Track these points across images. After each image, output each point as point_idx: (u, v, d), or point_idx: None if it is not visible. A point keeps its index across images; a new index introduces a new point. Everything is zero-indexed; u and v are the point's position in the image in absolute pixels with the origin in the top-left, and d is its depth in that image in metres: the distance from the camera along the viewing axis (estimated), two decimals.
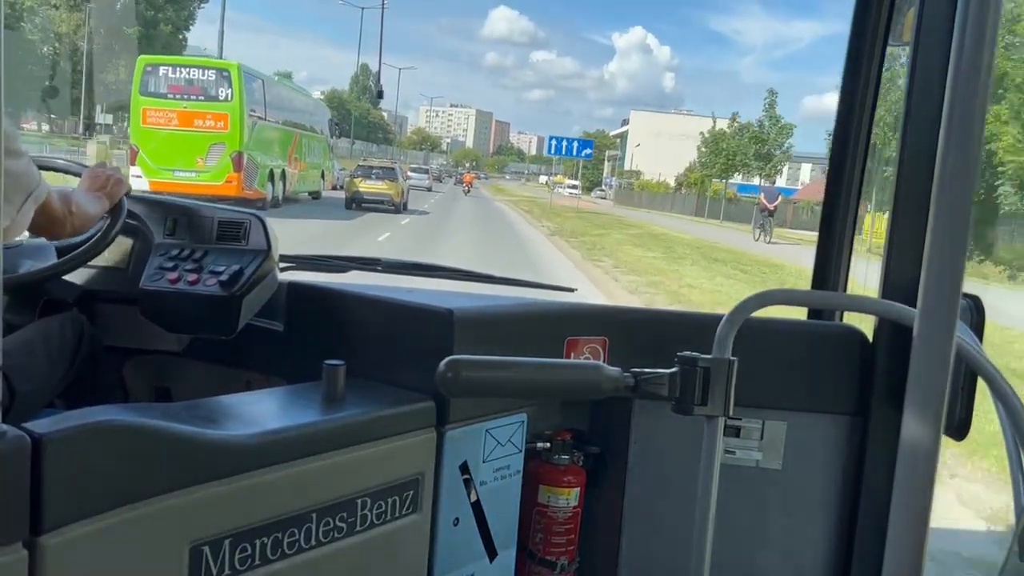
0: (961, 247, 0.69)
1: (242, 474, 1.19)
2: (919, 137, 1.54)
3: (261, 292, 1.68)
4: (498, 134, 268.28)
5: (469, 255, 14.26)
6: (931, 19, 1.51)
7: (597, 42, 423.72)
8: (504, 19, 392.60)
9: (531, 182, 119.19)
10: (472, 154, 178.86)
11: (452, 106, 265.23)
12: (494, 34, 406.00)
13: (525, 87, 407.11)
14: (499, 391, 1.21)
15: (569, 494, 1.72)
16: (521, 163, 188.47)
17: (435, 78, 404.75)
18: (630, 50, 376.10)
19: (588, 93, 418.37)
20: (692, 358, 1.13)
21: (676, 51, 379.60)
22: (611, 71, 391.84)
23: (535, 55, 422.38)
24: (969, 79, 0.66)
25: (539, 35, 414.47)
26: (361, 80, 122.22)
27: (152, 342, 1.84)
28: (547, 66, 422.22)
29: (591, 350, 1.71)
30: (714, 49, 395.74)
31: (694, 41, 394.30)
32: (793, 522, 1.74)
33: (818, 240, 1.92)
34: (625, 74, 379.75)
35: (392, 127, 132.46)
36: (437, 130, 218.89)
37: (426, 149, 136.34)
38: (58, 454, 1.00)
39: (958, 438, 1.58)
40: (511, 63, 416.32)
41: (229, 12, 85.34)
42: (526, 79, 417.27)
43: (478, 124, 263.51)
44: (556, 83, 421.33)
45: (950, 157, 0.68)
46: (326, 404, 1.40)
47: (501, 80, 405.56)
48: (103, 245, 1.68)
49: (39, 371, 1.59)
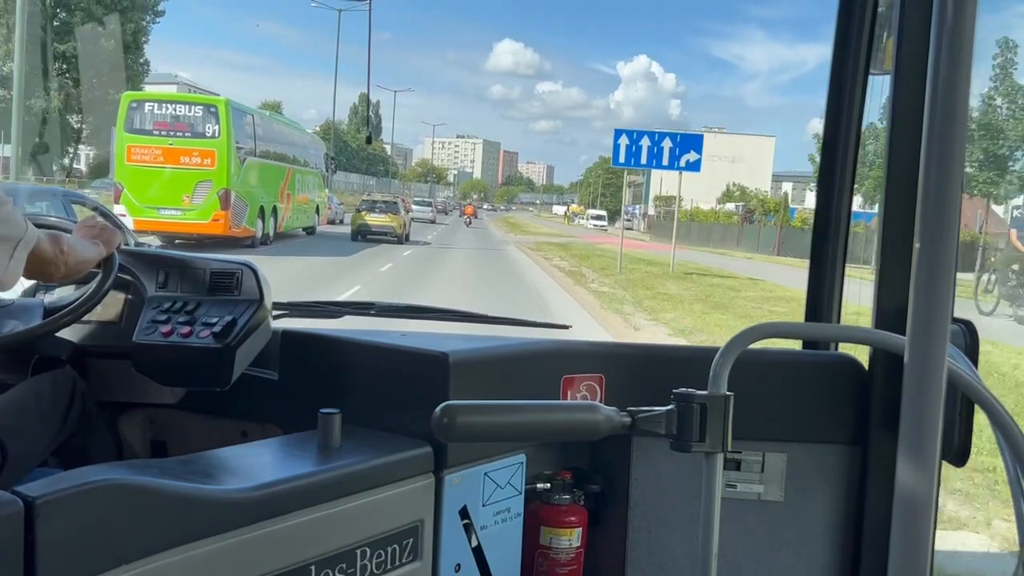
0: (947, 273, 0.73)
1: (240, 529, 1.26)
2: (903, 165, 1.64)
3: (255, 342, 1.77)
4: (506, 164, 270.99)
5: None
6: (910, 47, 1.61)
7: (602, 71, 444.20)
8: (509, 52, 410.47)
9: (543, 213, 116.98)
10: (480, 185, 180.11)
11: (458, 137, 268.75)
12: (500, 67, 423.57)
13: (532, 118, 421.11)
14: (496, 436, 1.27)
15: (571, 534, 1.81)
16: (531, 192, 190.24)
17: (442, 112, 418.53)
18: (635, 78, 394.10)
19: (594, 122, 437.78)
20: (688, 395, 1.18)
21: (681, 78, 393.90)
22: (617, 100, 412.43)
23: (541, 86, 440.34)
24: (946, 106, 0.71)
25: (544, 66, 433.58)
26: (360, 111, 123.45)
27: (147, 395, 1.93)
28: (553, 97, 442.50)
29: (587, 387, 1.81)
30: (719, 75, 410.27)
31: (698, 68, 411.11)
32: (798, 554, 1.83)
33: (809, 271, 2.04)
34: (631, 102, 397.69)
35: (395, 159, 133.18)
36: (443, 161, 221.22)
37: (431, 181, 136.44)
38: (52, 517, 1.05)
39: (959, 464, 1.66)
40: (517, 95, 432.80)
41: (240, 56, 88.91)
42: (532, 110, 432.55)
43: (485, 154, 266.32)
44: (562, 113, 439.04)
45: (931, 184, 0.73)
46: (322, 454, 1.48)
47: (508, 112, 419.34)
48: (95, 301, 1.75)
49: (31, 430, 1.68)
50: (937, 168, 0.71)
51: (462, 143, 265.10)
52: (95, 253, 1.71)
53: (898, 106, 1.64)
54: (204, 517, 1.23)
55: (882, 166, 1.69)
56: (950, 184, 0.71)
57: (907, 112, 1.63)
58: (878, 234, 1.71)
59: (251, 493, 1.29)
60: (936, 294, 0.73)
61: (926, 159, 0.72)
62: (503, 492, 1.69)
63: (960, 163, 0.72)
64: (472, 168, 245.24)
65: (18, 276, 1.46)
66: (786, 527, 1.83)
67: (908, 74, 1.62)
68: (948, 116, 0.71)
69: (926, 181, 0.72)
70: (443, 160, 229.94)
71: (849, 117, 1.94)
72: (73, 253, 1.62)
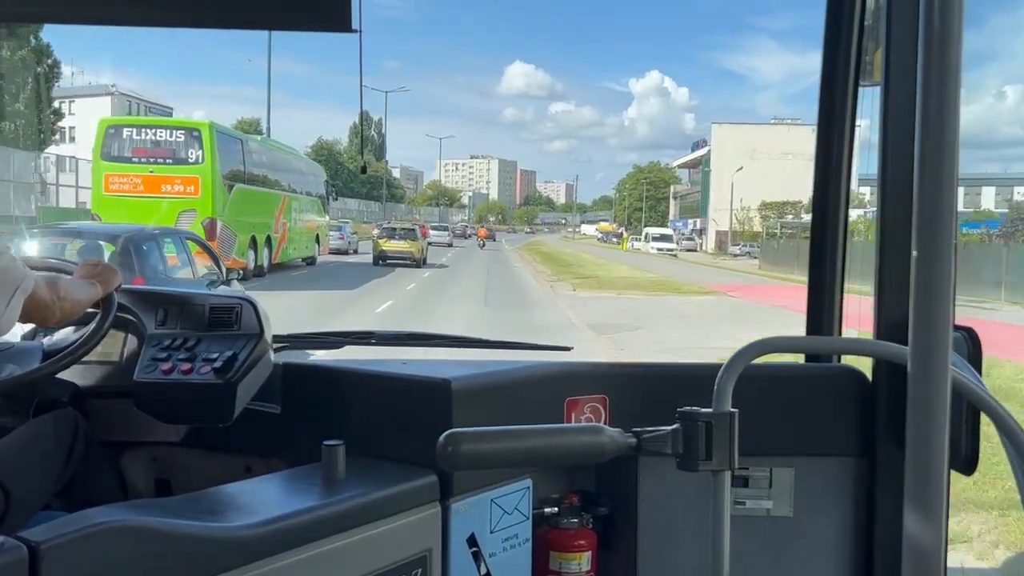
0: (946, 281, 0.79)
1: (248, 566, 1.39)
2: (897, 175, 1.83)
3: (256, 376, 1.95)
4: (524, 184, 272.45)
5: None
6: (898, 59, 1.80)
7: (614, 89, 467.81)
8: (521, 74, 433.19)
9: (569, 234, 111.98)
10: (497, 207, 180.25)
11: (472, 157, 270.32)
12: (512, 89, 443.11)
13: (546, 139, 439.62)
14: (501, 462, 1.37)
15: (581, 558, 1.98)
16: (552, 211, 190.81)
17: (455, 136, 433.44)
18: (648, 94, 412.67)
19: (609, 140, 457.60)
20: (693, 413, 1.29)
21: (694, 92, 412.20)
22: (631, 116, 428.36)
23: (554, 107, 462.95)
24: (938, 116, 0.77)
25: (556, 87, 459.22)
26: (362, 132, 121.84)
27: (149, 434, 2.11)
28: (566, 117, 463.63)
29: (591, 409, 1.99)
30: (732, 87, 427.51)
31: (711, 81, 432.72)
32: (810, 569, 2.01)
33: (808, 284, 2.22)
34: (645, 119, 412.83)
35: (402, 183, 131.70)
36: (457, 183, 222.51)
37: (443, 204, 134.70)
38: (57, 562, 1.16)
39: (967, 472, 1.82)
40: (530, 117, 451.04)
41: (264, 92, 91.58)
42: (546, 131, 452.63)
43: (502, 174, 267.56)
44: (576, 133, 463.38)
45: (926, 193, 0.78)
46: (327, 486, 1.64)
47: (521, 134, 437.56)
48: (94, 342, 1.92)
49: (34, 472, 1.86)
50: (931, 177, 0.78)
51: (476, 163, 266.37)
52: (91, 294, 1.89)
53: (889, 117, 1.82)
54: (211, 555, 1.36)
55: (876, 177, 1.87)
56: (945, 192, 0.77)
57: (898, 123, 1.81)
58: (875, 245, 1.88)
59: (257, 530, 1.43)
60: (936, 303, 0.78)
61: (920, 168, 0.78)
62: (510, 518, 1.85)
63: (953, 171, 0.78)
64: (488, 189, 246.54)
65: (14, 322, 1.63)
66: (797, 542, 2.00)
67: (897, 85, 1.80)
68: (940, 125, 0.77)
69: (921, 190, 0.78)
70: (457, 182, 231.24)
71: (841, 130, 2.14)
72: (69, 297, 1.79)
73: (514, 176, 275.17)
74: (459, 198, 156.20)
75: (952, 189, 0.78)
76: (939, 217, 0.77)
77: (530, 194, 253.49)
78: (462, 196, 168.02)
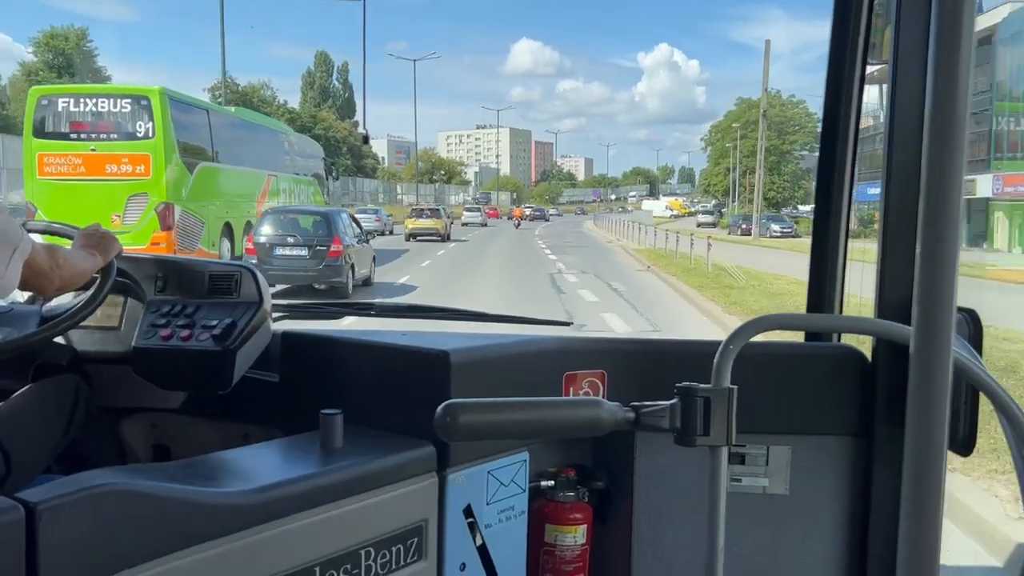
0: (952, 262, 0.87)
1: (243, 531, 1.60)
2: (903, 154, 2.12)
3: (255, 344, 2.28)
4: (540, 157, 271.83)
5: None
6: (907, 37, 2.08)
7: (623, 65, 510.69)
8: (528, 51, 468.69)
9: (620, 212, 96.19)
10: (510, 183, 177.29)
11: (479, 127, 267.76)
12: (519, 68, 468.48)
13: (555, 117, 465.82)
14: (498, 433, 1.53)
15: (576, 531, 2.31)
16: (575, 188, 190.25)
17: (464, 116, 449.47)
18: (657, 68, 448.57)
19: (619, 117, 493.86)
20: (691, 388, 1.47)
21: (704, 64, 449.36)
22: (641, 92, 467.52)
23: (562, 84, 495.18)
24: (948, 95, 0.84)
25: (565, 64, 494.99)
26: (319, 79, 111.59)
27: (148, 400, 2.46)
28: (575, 95, 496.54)
29: (590, 384, 2.31)
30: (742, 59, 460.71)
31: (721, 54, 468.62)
32: (804, 547, 2.34)
33: (810, 262, 2.56)
34: (655, 93, 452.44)
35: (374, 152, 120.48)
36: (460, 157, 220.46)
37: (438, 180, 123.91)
38: (53, 522, 1.33)
39: (964, 453, 2.11)
40: (539, 96, 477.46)
41: None
42: (556, 110, 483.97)
43: (513, 146, 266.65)
44: (586, 110, 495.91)
45: (934, 172, 0.85)
46: (324, 455, 1.89)
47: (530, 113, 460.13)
48: (92, 307, 2.21)
49: (34, 437, 2.18)
50: (939, 156, 0.85)
51: (483, 134, 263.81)
52: (90, 264, 2.15)
53: (898, 95, 2.11)
54: (207, 521, 1.56)
55: (882, 156, 2.15)
56: (952, 172, 0.85)
57: (907, 101, 2.10)
58: (880, 223, 2.16)
59: (254, 496, 1.65)
60: (941, 283, 0.86)
61: (928, 147, 0.86)
62: (507, 490, 2.14)
63: (962, 151, 0.85)
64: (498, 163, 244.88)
65: (14, 284, 1.84)
66: (792, 520, 2.32)
67: (907, 63, 2.09)
68: (950, 104, 0.84)
69: (929, 169, 0.86)
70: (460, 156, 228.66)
71: (848, 108, 2.46)
72: (68, 265, 2.04)
73: (528, 148, 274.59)
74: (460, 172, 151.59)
75: (960, 168, 0.85)
76: (947, 196, 0.85)
77: (547, 168, 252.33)
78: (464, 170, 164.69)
